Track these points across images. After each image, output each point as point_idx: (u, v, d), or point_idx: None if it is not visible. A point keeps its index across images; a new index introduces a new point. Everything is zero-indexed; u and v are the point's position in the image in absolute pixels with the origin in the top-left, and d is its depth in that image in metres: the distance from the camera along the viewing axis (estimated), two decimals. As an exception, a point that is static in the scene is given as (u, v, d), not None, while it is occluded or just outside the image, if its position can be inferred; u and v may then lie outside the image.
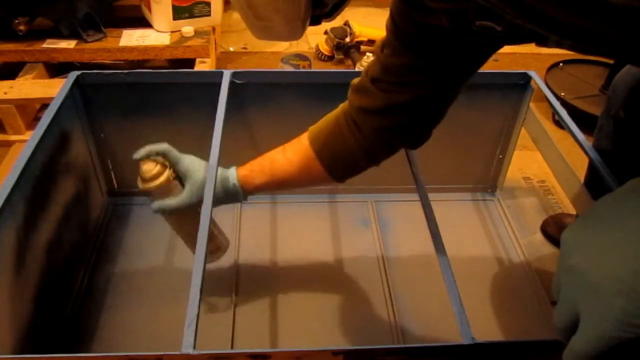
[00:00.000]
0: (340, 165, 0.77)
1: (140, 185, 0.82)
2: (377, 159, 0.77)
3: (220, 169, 0.83)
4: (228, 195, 0.83)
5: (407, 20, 0.63)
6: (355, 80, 0.73)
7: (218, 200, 0.82)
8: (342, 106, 0.76)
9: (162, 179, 0.80)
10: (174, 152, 0.83)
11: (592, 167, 0.94)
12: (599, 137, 0.97)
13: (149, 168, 0.80)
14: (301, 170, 0.79)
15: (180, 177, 0.83)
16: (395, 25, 0.65)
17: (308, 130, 0.79)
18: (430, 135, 0.76)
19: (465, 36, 0.57)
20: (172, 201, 0.82)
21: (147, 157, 0.82)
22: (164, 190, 0.82)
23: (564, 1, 0.35)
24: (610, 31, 0.37)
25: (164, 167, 0.82)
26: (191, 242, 0.89)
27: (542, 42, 0.48)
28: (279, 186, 0.83)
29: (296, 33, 0.56)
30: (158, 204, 0.82)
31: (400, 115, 0.70)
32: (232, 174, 0.82)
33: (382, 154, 0.76)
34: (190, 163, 0.83)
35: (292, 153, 0.79)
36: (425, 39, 0.63)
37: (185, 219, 0.87)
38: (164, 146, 0.83)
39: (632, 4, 0.33)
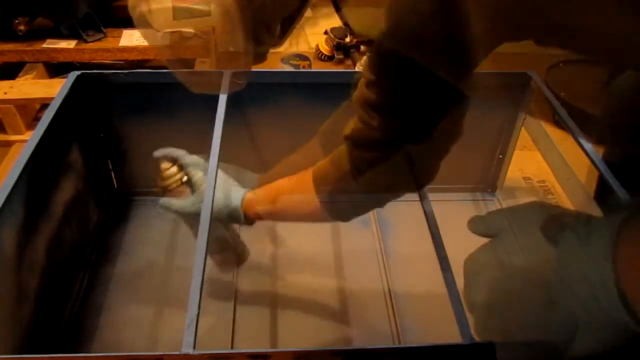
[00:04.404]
0: (340, 208, 0.76)
1: (158, 182, 0.86)
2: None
3: (237, 192, 0.81)
4: (231, 218, 0.81)
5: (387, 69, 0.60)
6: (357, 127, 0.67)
7: (221, 220, 0.81)
8: (341, 149, 0.71)
9: (170, 180, 0.84)
10: (186, 160, 0.84)
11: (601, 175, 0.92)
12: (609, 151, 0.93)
13: (164, 167, 0.85)
14: (305, 211, 0.78)
15: (191, 185, 0.84)
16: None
17: (315, 166, 0.75)
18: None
19: None
20: (175, 203, 0.83)
21: (164, 158, 0.85)
22: (174, 192, 0.85)
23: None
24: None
25: (179, 170, 0.85)
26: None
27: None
28: (280, 217, 0.83)
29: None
30: (163, 200, 0.84)
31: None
32: (239, 197, 0.80)
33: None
34: (201, 177, 0.82)
35: (296, 185, 0.77)
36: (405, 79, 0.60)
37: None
38: (178, 152, 0.85)
39: None
